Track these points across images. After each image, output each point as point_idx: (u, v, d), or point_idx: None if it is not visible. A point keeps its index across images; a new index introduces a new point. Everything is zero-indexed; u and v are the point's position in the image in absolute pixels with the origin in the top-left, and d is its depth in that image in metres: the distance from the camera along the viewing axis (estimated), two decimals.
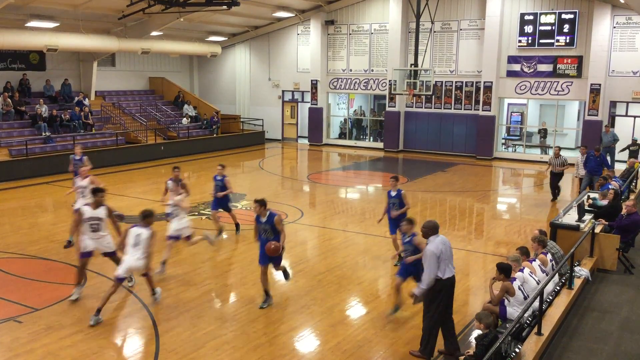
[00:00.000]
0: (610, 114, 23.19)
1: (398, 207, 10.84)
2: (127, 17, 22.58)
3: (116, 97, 26.98)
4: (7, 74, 22.93)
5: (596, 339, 7.72)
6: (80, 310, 8.80)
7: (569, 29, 23.06)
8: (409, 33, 26.02)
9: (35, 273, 10.50)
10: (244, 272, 10.69)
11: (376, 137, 28.96)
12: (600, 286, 9.73)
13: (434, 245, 7.19)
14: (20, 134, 21.10)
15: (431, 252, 7.15)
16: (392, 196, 10.92)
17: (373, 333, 8.24)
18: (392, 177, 11.12)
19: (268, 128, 30.23)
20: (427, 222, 7.39)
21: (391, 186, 11.01)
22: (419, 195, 17.99)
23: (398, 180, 11.10)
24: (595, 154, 16.16)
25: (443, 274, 7.17)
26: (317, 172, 22.73)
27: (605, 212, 11.67)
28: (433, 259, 7.14)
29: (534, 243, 8.98)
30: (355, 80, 27.95)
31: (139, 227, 8.50)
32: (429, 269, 7.15)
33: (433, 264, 7.15)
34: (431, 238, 7.29)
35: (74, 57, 25.42)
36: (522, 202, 18.07)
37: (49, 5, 20.53)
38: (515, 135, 26.44)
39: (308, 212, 15.54)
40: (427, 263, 7.17)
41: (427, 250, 7.20)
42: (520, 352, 6.56)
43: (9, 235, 12.91)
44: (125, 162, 22.35)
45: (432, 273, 7.15)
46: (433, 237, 7.29)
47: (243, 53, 30.97)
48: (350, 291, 9.90)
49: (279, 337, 8.10)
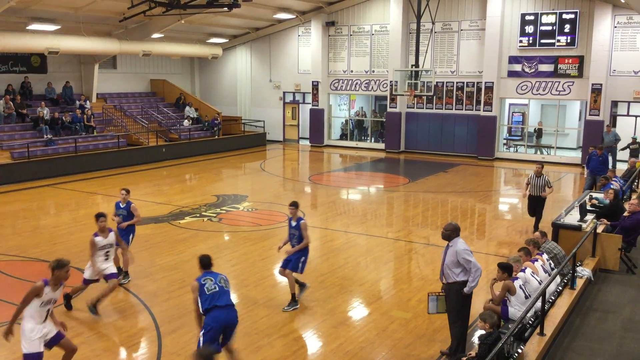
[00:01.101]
0: (611, 114, 23.18)
1: (297, 241, 9.21)
2: (128, 19, 22.60)
3: (117, 99, 27.01)
4: (9, 76, 22.96)
5: (599, 339, 7.71)
6: (82, 313, 8.82)
7: (570, 29, 23.05)
8: (409, 34, 26.02)
9: (37, 276, 10.49)
10: (246, 274, 10.69)
11: (377, 138, 28.97)
12: (603, 286, 9.71)
13: (462, 243, 7.15)
14: (22, 137, 21.13)
15: (464, 249, 7.08)
16: (292, 226, 9.28)
17: (375, 334, 8.24)
18: (291, 204, 9.36)
19: (269, 129, 30.25)
20: (449, 225, 7.31)
21: (290, 214, 9.35)
22: (420, 196, 17.99)
23: (297, 207, 9.35)
24: (598, 153, 16.13)
25: None
26: (319, 173, 22.74)
27: (607, 212, 11.66)
28: (470, 254, 7.09)
29: (530, 246, 8.96)
30: (356, 81, 27.96)
31: None
32: (476, 262, 7.06)
33: (473, 258, 7.09)
34: (454, 240, 7.21)
35: (75, 59, 25.45)
36: (523, 203, 17.99)
37: (50, 8, 20.55)
38: (517, 136, 26.43)
39: (310, 214, 15.54)
40: (470, 259, 7.04)
41: (460, 250, 7.08)
42: (523, 353, 6.55)
43: (10, 238, 12.93)
44: (127, 164, 22.37)
45: (478, 267, 7.07)
46: (457, 239, 7.22)
47: (244, 55, 30.99)
48: (352, 292, 9.90)
49: (281, 338, 8.10)
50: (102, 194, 17.72)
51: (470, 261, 7.05)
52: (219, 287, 6.75)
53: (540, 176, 13.11)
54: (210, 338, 6.58)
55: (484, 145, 25.06)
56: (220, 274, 6.97)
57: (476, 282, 7.10)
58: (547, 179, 13.22)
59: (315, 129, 28.91)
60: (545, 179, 13.17)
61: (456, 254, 7.12)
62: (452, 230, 7.25)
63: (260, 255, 11.77)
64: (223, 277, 6.93)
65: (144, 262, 11.18)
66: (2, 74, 22.77)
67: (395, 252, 12.37)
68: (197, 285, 6.75)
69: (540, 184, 13.12)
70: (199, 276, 6.85)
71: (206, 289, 6.69)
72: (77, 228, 13.69)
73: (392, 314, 8.92)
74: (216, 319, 6.62)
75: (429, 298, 7.54)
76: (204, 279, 6.79)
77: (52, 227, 13.95)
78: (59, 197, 17.34)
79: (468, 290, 7.13)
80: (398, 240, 13.10)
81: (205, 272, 6.92)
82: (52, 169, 19.94)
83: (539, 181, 13.12)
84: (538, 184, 13.13)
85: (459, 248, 7.12)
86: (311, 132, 29.16)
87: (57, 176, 19.68)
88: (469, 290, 7.13)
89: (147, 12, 21.32)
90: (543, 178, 13.11)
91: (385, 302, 9.49)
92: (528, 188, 13.48)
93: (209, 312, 6.64)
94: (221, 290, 6.75)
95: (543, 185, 13.12)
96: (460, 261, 7.09)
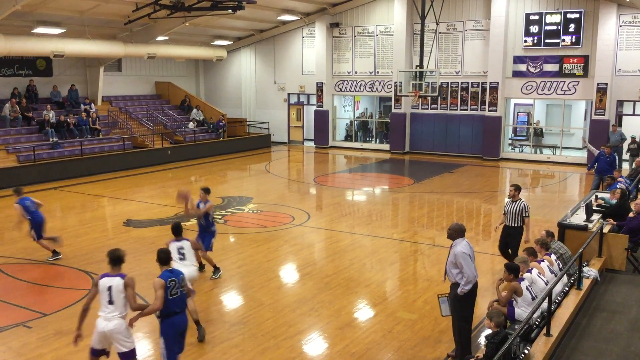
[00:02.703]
0: (617, 113, 23.09)
1: (204, 220, 10.28)
2: (133, 22, 22.66)
3: (123, 102, 27.09)
4: (15, 80, 23.06)
5: (606, 340, 7.68)
6: (89, 316, 8.82)
7: (575, 28, 22.98)
8: (414, 34, 26.01)
9: (43, 278, 10.56)
10: (251, 276, 10.70)
11: (382, 139, 28.95)
12: (609, 286, 9.67)
13: (462, 246, 7.15)
14: (28, 140, 21.22)
15: (461, 253, 7.09)
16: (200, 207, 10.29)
17: (381, 335, 8.23)
18: (202, 188, 10.40)
19: (274, 131, 30.27)
20: (454, 225, 7.34)
21: (200, 198, 10.31)
22: (425, 197, 17.97)
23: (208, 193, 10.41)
24: (607, 153, 16.02)
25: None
26: (324, 174, 22.74)
27: (614, 212, 11.62)
28: (467, 259, 7.08)
29: (537, 245, 8.94)
30: (360, 83, 27.96)
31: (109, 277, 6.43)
32: (468, 268, 7.07)
33: (469, 263, 7.10)
34: (457, 240, 7.23)
35: (80, 62, 25.55)
36: (529, 203, 17.94)
37: (55, 11, 20.63)
38: (522, 136, 26.37)
39: (315, 215, 15.55)
40: (464, 263, 7.05)
41: (457, 252, 7.10)
42: (530, 353, 6.54)
43: (17, 241, 12.97)
44: (133, 166, 22.42)
45: (471, 272, 7.08)
46: (460, 240, 7.24)
47: (248, 57, 31.04)
48: (358, 294, 9.90)
49: (287, 340, 8.10)
50: (108, 196, 17.76)
51: (463, 265, 7.07)
52: (180, 293, 6.45)
53: (517, 201, 10.14)
54: (171, 345, 6.42)
55: (489, 145, 25.01)
56: (180, 272, 6.67)
57: (467, 287, 7.10)
58: (524, 205, 10.11)
59: (319, 131, 28.92)
60: (522, 204, 10.11)
61: (454, 255, 7.17)
62: (454, 230, 7.28)
63: (266, 257, 11.78)
64: (183, 276, 6.61)
65: (149, 265, 11.19)
66: (7, 78, 22.87)
67: (401, 253, 12.36)
68: (164, 283, 6.32)
69: (515, 210, 10.08)
70: (163, 273, 6.44)
71: (169, 293, 6.33)
72: (84, 231, 13.73)
73: (398, 315, 8.91)
74: (174, 325, 6.43)
75: (440, 300, 7.52)
76: (169, 281, 6.38)
77: (59, 230, 13.96)
78: (65, 200, 17.39)
79: (459, 292, 7.17)
80: (403, 241, 13.08)
81: (166, 271, 6.49)
82: (58, 172, 20.00)
83: (513, 207, 10.14)
84: (512, 211, 10.12)
85: (457, 250, 7.14)
86: (316, 134, 29.17)
87: (63, 179, 19.74)
88: (459, 292, 7.16)
89: (152, 14, 21.41)
90: (519, 204, 10.10)
91: (391, 303, 9.48)
92: (502, 222, 10.55)
93: (167, 318, 6.39)
94: (181, 296, 6.48)
95: (518, 214, 10.09)
96: (457, 263, 7.14)
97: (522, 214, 10.02)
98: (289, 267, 11.54)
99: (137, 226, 14.14)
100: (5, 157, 19.97)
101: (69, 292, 9.87)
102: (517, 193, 10.15)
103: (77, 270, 10.86)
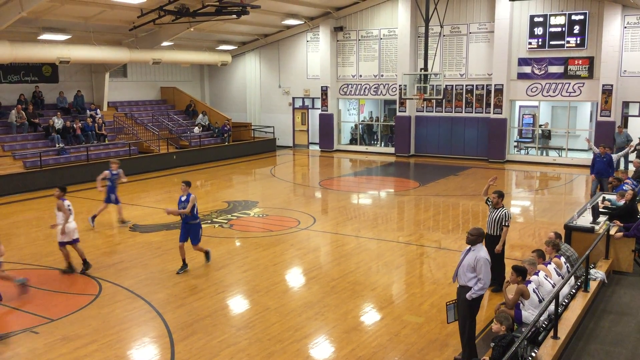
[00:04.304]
0: (622, 115, 23.01)
1: (190, 211, 10.93)
2: (138, 28, 22.77)
3: (128, 107, 27.20)
4: (21, 86, 23.20)
5: (613, 342, 7.64)
6: (96, 320, 8.87)
7: (579, 30, 22.94)
8: (418, 37, 26.02)
9: (50, 284, 10.59)
10: (257, 280, 10.70)
11: (387, 142, 28.94)
12: (617, 288, 9.64)
13: (485, 252, 7.27)
14: (34, 146, 21.32)
15: (484, 259, 7.17)
16: (182, 201, 10.95)
17: (387, 339, 8.22)
18: (184, 181, 11.17)
19: (279, 135, 30.31)
20: (476, 230, 7.36)
21: (182, 191, 11.02)
22: (431, 200, 17.94)
23: (189, 186, 11.12)
24: (601, 152, 15.71)
25: None
26: (329, 178, 22.74)
27: (621, 214, 11.56)
28: (487, 266, 7.17)
29: (548, 247, 8.93)
30: (365, 86, 27.98)
31: None
32: (487, 275, 7.15)
33: (488, 270, 7.18)
34: (478, 245, 7.29)
35: (86, 68, 25.68)
36: (535, 205, 17.96)
37: (61, 18, 20.75)
38: (527, 138, 26.31)
39: (320, 219, 15.55)
40: (484, 269, 7.13)
41: (480, 257, 7.15)
42: (537, 356, 6.52)
43: (24, 246, 13.04)
44: (139, 171, 22.47)
45: (488, 279, 7.19)
46: (480, 245, 7.31)
47: (253, 61, 31.11)
48: (364, 297, 9.88)
49: (294, 344, 8.10)
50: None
51: (483, 272, 7.14)
52: None
53: (499, 208, 9.56)
54: None
55: (494, 147, 24.96)
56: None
57: (477, 294, 7.18)
58: (505, 214, 9.48)
59: (324, 134, 28.94)
60: (504, 213, 9.49)
61: (476, 259, 7.18)
62: (477, 235, 7.32)
63: (272, 261, 11.79)
64: None
65: (155, 269, 11.24)
66: (14, 84, 23.01)
67: (407, 256, 12.34)
68: None
69: (496, 218, 9.50)
70: None
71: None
72: (90, 236, 13.77)
73: (405, 319, 8.89)
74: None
75: (447, 307, 7.56)
76: None
77: None
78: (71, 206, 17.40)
79: (469, 296, 7.21)
80: (409, 244, 13.07)
81: None
82: (64, 177, 20.04)
83: (494, 215, 9.55)
84: (492, 219, 9.54)
85: (481, 255, 7.19)
86: (321, 137, 29.20)
87: (69, 184, 19.75)
88: (469, 296, 7.21)
89: (157, 20, 21.50)
90: (501, 211, 9.49)
91: (397, 307, 9.46)
92: None
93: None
94: None
95: (498, 221, 9.50)
96: (477, 268, 7.16)
97: (502, 222, 9.48)
98: (295, 271, 11.54)
99: (143, 231, 14.18)
100: (12, 163, 20.08)
101: (75, 297, 9.90)
102: (500, 200, 9.61)
103: (84, 276, 10.89)
